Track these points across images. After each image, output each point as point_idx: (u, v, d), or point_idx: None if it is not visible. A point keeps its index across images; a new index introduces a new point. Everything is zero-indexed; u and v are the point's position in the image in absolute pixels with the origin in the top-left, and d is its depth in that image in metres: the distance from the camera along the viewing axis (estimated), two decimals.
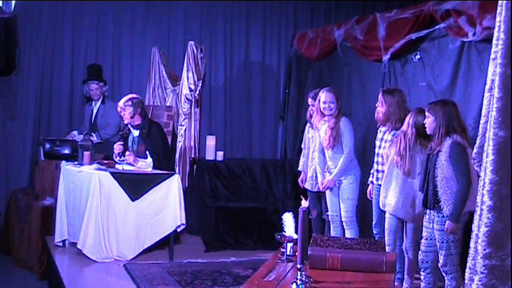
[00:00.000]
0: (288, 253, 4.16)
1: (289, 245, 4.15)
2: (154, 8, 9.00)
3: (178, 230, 6.49)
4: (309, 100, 6.56)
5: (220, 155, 8.04)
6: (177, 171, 7.65)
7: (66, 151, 7.49)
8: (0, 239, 7.84)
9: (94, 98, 8.01)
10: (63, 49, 8.58)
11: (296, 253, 3.86)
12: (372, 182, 5.89)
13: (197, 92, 7.92)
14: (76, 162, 6.87)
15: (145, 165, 6.70)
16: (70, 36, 8.60)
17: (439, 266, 4.77)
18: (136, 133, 6.95)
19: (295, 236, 4.09)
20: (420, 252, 4.93)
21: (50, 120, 8.55)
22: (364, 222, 6.33)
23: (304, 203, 3.63)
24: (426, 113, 4.81)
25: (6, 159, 8.29)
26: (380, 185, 5.55)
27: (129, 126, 6.93)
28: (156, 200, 6.37)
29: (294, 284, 3.49)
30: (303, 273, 3.49)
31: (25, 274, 6.90)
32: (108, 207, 6.21)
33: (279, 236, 4.22)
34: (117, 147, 6.86)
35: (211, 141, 8.09)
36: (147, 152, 6.82)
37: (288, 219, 4.20)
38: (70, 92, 8.63)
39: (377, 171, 5.77)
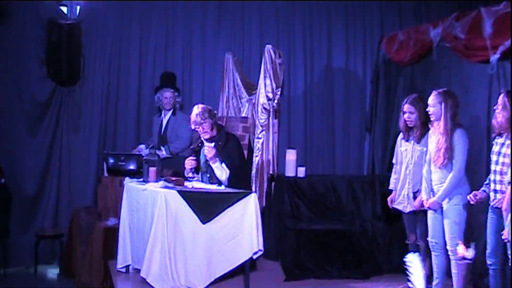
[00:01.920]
0: None
1: None
2: (227, 10, 8.79)
3: (254, 257, 5.94)
4: (406, 106, 5.90)
5: (301, 171, 7.49)
6: (253, 189, 7.20)
7: (131, 167, 7.17)
8: (63, 261, 7.71)
9: (166, 107, 7.71)
10: (130, 57, 8.50)
11: None
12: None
13: (276, 101, 7.46)
14: (141, 179, 6.44)
15: (220, 173, 6.24)
16: (137, 43, 8.53)
17: None
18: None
19: None
20: None
21: (116, 133, 8.47)
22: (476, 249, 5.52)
23: (467, 253, 2.67)
24: None
25: (69, 175, 8.21)
26: (497, 207, 4.90)
27: (202, 139, 6.49)
28: (231, 223, 5.85)
29: None
30: None
31: None
32: (175, 231, 5.72)
33: None
34: (189, 162, 6.46)
35: (291, 155, 7.55)
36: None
37: (414, 263, 3.25)
38: (138, 103, 8.52)
39: (495, 191, 5.01)
